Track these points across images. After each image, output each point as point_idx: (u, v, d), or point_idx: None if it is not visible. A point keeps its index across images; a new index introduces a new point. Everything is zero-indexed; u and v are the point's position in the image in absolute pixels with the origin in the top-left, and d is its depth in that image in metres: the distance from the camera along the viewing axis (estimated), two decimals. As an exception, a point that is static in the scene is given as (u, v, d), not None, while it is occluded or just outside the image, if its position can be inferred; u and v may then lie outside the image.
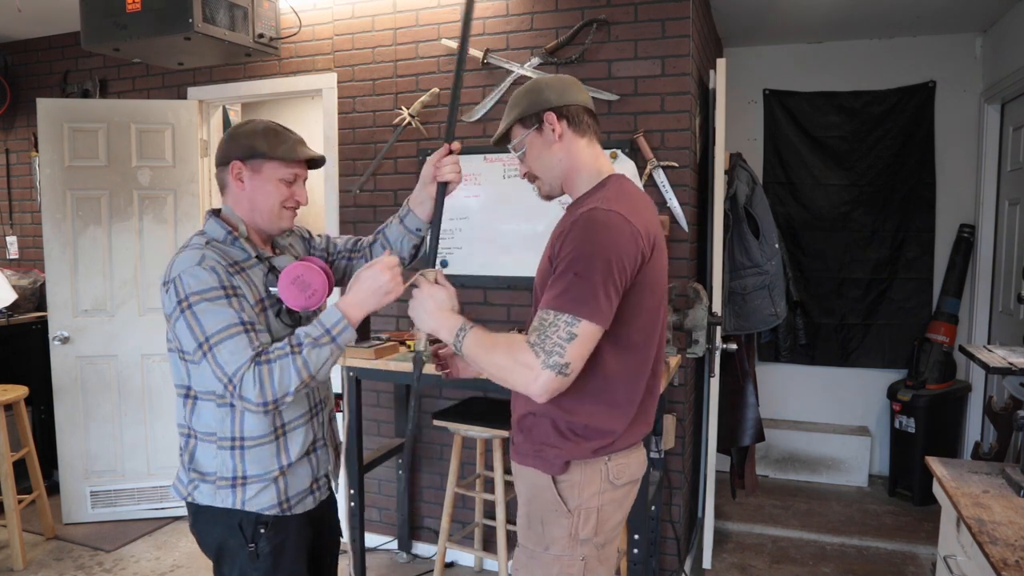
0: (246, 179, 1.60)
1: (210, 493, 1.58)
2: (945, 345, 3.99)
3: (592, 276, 1.35)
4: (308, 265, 1.58)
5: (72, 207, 3.61)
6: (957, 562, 1.69)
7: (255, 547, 1.58)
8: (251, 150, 1.58)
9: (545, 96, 1.53)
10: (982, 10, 3.62)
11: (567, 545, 1.50)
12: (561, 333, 1.34)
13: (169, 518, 3.76)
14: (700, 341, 2.35)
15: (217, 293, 1.47)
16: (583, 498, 1.49)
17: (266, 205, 1.61)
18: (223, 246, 1.58)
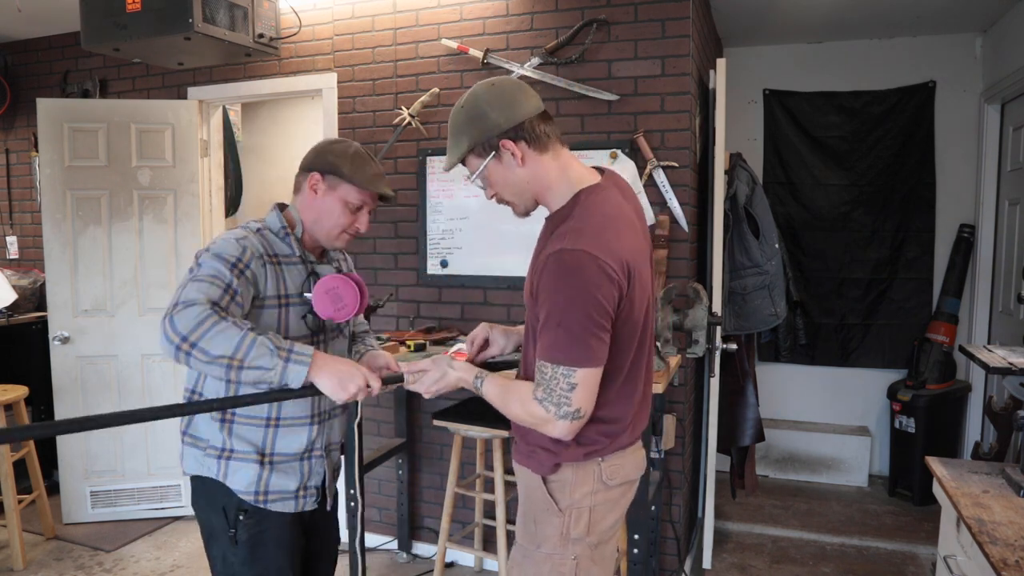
0: (320, 191, 1.68)
1: (199, 459, 1.66)
2: (945, 345, 3.99)
3: (574, 326, 1.35)
4: (346, 280, 1.66)
5: (72, 207, 3.61)
6: (957, 562, 1.69)
7: (235, 532, 1.64)
8: (333, 167, 1.67)
9: (493, 120, 1.44)
10: (982, 10, 3.62)
11: (558, 544, 1.50)
12: (563, 385, 1.37)
13: (169, 518, 3.76)
14: (700, 341, 2.35)
15: (229, 259, 1.54)
16: (574, 498, 1.50)
17: (329, 222, 1.69)
18: (272, 237, 1.68)
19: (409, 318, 3.32)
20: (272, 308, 1.63)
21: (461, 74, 3.13)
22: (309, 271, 1.70)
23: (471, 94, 1.49)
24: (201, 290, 1.47)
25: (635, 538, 2.32)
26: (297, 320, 1.66)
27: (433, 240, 3.24)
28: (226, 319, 1.45)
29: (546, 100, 2.97)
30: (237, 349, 1.43)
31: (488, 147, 1.46)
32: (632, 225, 1.49)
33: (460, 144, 1.49)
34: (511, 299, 3.13)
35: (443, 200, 3.21)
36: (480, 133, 1.45)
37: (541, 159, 1.48)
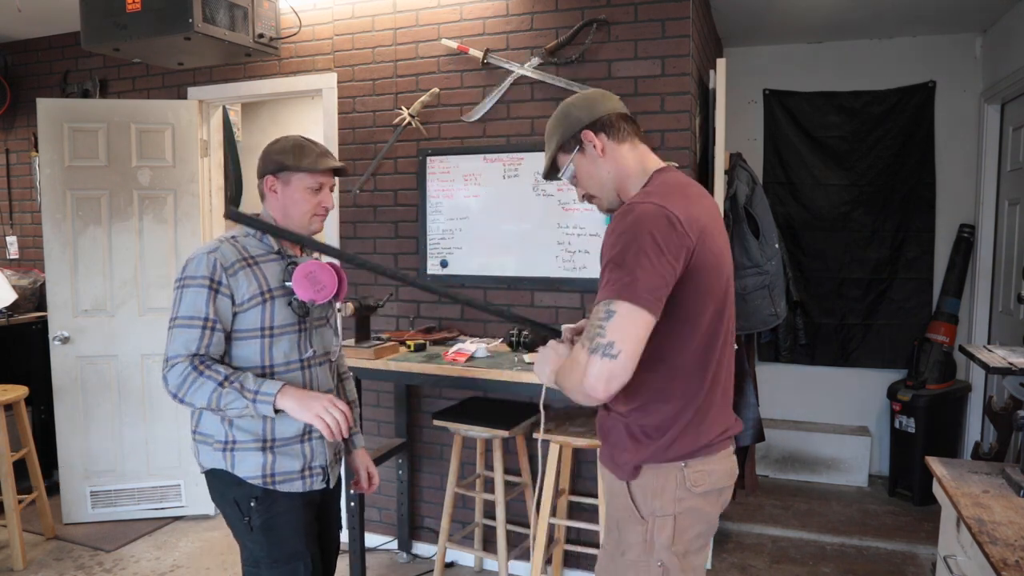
0: (279, 190, 1.82)
1: (207, 454, 1.79)
2: (945, 345, 3.99)
3: (625, 261, 1.30)
4: (322, 264, 1.80)
5: (72, 207, 3.61)
6: (957, 562, 1.69)
7: (248, 520, 1.76)
8: (280, 165, 1.80)
9: (576, 116, 1.54)
10: (982, 10, 3.62)
11: (642, 552, 1.47)
12: (600, 314, 1.30)
13: (169, 518, 3.76)
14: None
15: (202, 283, 1.70)
16: (656, 505, 1.46)
17: (297, 213, 1.82)
18: (249, 239, 1.81)
19: (409, 318, 3.32)
20: (256, 306, 1.75)
21: (461, 74, 3.14)
22: (288, 263, 1.82)
23: (560, 104, 1.61)
24: (182, 342, 1.69)
25: (635, 538, 2.32)
26: (283, 308, 1.79)
27: (433, 240, 3.24)
28: (203, 374, 1.66)
29: (546, 100, 2.99)
30: (211, 401, 1.66)
31: (573, 142, 1.55)
32: (703, 200, 1.49)
33: (551, 145, 1.59)
34: (511, 299, 3.13)
35: (443, 200, 3.21)
36: (566, 130, 1.55)
37: (619, 148, 1.54)
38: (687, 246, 1.34)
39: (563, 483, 2.83)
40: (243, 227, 1.82)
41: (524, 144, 3.05)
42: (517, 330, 2.82)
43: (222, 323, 1.72)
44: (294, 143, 1.82)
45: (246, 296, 1.73)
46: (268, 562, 1.78)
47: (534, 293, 3.10)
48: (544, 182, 3.02)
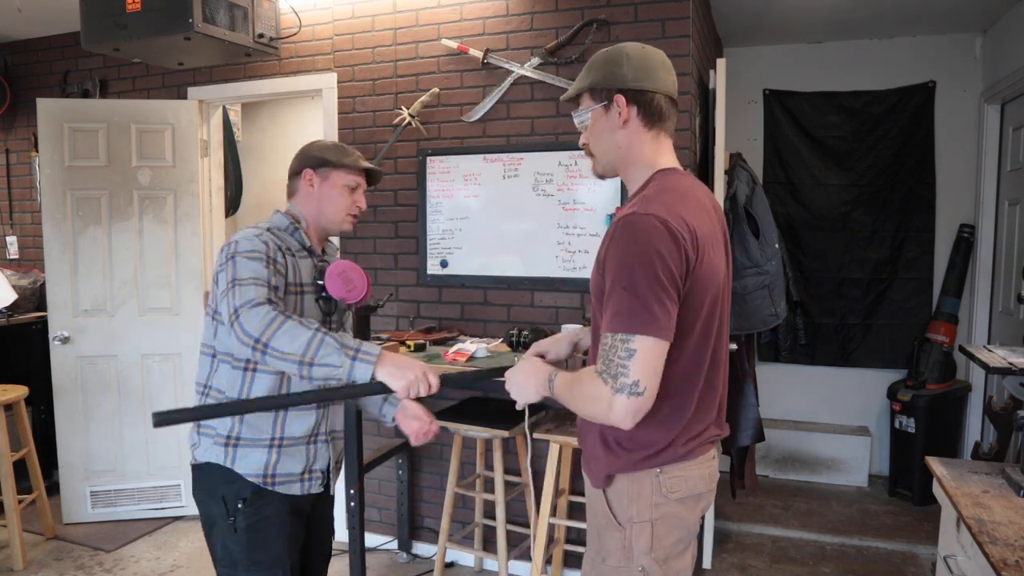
0: (316, 185, 1.83)
1: (207, 447, 1.72)
2: (945, 345, 3.99)
3: (639, 288, 1.27)
4: (355, 265, 1.82)
5: (72, 207, 3.61)
6: (957, 562, 1.69)
7: (234, 520, 1.69)
8: (321, 160, 1.83)
9: (621, 72, 1.42)
10: (982, 10, 3.62)
11: (622, 558, 1.45)
12: (620, 352, 1.28)
13: (169, 518, 3.76)
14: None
15: (259, 255, 1.64)
16: (632, 512, 1.43)
17: (332, 208, 1.84)
18: (283, 233, 1.79)
19: (409, 318, 3.32)
20: (291, 295, 1.73)
21: (461, 74, 3.14)
22: (317, 260, 1.83)
23: (621, 44, 1.47)
24: (253, 293, 1.56)
25: (635, 538, 2.32)
26: (311, 305, 1.78)
27: (433, 240, 3.24)
28: (291, 318, 1.53)
29: (546, 100, 2.99)
30: (307, 348, 1.49)
31: (604, 94, 1.44)
32: (704, 208, 1.43)
33: (586, 78, 1.47)
34: (511, 299, 3.13)
35: (443, 200, 3.21)
36: (605, 77, 1.43)
37: (642, 132, 1.44)
38: (690, 263, 1.32)
39: (563, 483, 2.83)
40: (276, 221, 1.81)
41: (524, 144, 3.05)
42: (517, 330, 2.83)
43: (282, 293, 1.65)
44: (335, 143, 1.89)
45: (288, 280, 1.71)
46: (247, 564, 1.70)
47: (534, 293, 3.10)
48: (544, 183, 3.03)
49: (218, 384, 1.71)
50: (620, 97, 1.42)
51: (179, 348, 3.69)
